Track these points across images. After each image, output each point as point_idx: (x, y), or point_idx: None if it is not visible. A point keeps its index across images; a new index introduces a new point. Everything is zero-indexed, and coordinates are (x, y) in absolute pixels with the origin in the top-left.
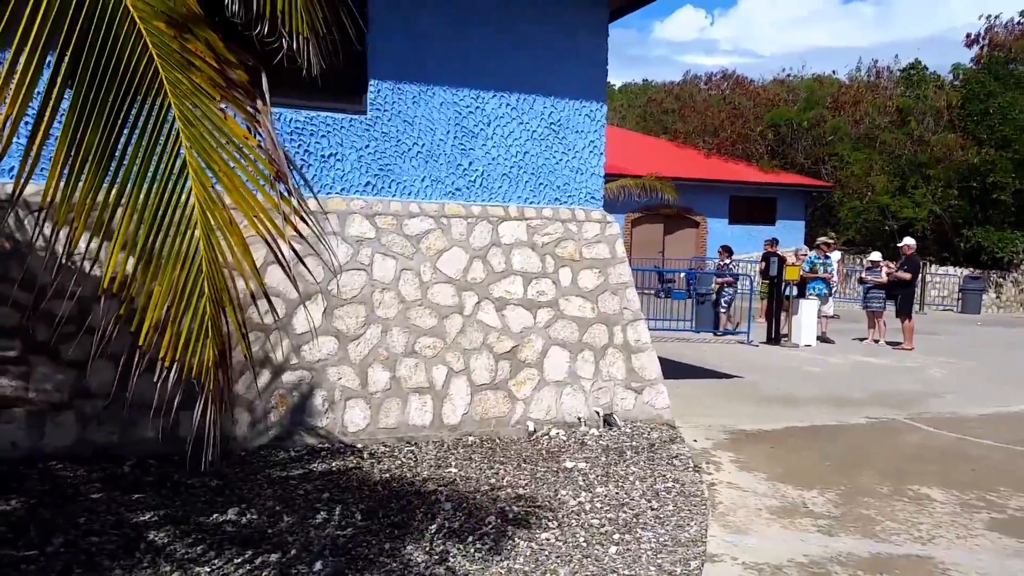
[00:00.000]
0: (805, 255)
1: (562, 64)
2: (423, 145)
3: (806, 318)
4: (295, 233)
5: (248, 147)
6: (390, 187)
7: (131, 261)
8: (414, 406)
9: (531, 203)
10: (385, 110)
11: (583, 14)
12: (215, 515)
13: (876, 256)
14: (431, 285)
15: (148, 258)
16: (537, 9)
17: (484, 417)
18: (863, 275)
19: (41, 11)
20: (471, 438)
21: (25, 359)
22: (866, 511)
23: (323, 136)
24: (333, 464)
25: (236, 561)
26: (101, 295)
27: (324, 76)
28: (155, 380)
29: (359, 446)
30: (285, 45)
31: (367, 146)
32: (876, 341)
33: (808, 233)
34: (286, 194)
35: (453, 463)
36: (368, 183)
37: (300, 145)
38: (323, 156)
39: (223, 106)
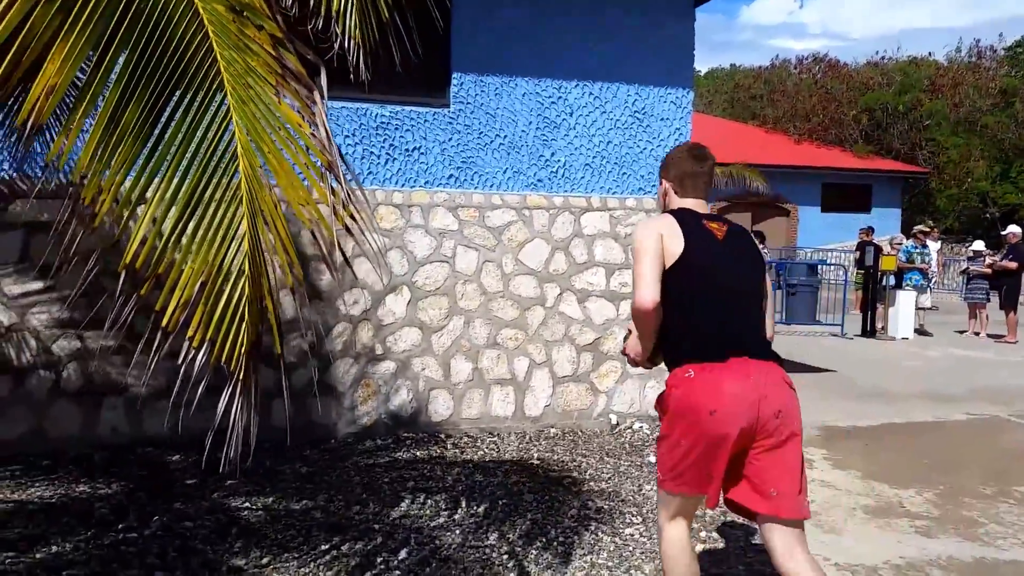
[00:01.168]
0: (900, 244)
1: (647, 51)
2: (505, 137)
3: (903, 310)
4: (341, 228)
5: (302, 135)
6: (472, 179)
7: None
8: (496, 397)
9: (614, 193)
10: (468, 103)
11: (668, 1)
12: (304, 501)
13: (979, 246)
14: (513, 277)
15: (183, 230)
16: None
17: (566, 409)
18: (967, 265)
19: None
20: (553, 430)
21: (124, 348)
22: (968, 512)
23: (408, 130)
24: (417, 453)
25: (323, 547)
26: (122, 270)
27: (408, 71)
28: (179, 363)
29: (443, 436)
30: (336, 47)
31: (450, 139)
32: (977, 334)
33: (904, 221)
34: (336, 186)
35: (535, 455)
36: (451, 176)
37: (385, 139)
38: (407, 150)
39: (280, 94)
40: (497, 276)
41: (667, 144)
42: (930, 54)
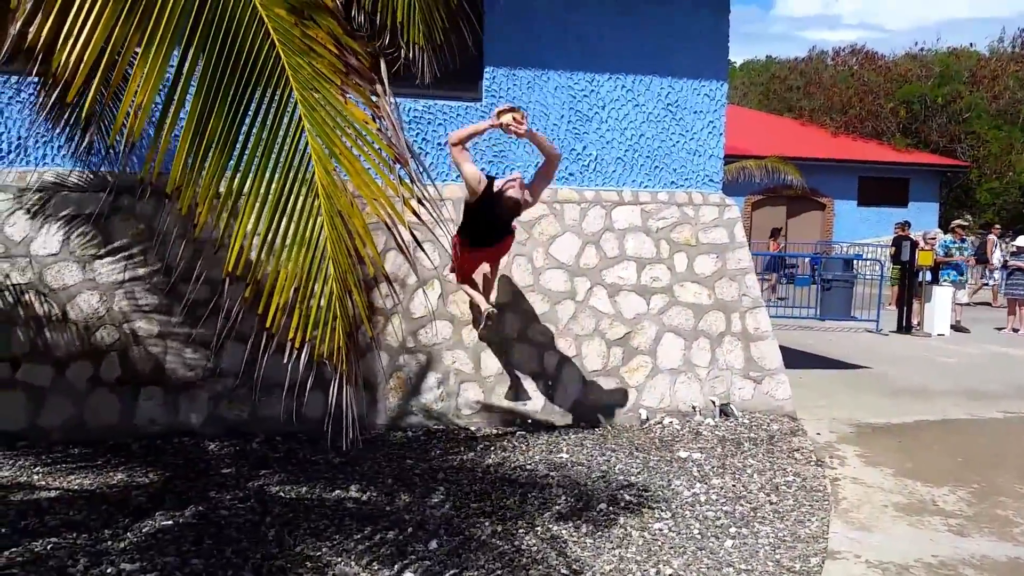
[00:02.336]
0: (933, 239)
1: (681, 43)
2: (537, 130)
3: (939, 305)
4: (414, 218)
5: (369, 132)
6: (504, 172)
7: (256, 244)
8: (528, 390)
9: (646, 187)
10: (500, 96)
11: None
12: (337, 491)
13: (1022, 241)
14: (543, 271)
15: (272, 241)
16: None
17: (596, 404)
18: (1008, 260)
19: (169, 2)
20: (583, 424)
21: (162, 340)
22: (1003, 512)
23: (440, 124)
24: (448, 445)
25: (356, 537)
26: (226, 277)
27: (441, 66)
28: (285, 362)
29: (473, 429)
30: (403, 55)
31: None
32: (1016, 330)
33: (943, 216)
34: (406, 179)
35: (564, 449)
36: (483, 169)
37: (419, 133)
38: (439, 144)
39: (345, 92)
40: (528, 270)
41: (700, 137)
42: (971, 45)
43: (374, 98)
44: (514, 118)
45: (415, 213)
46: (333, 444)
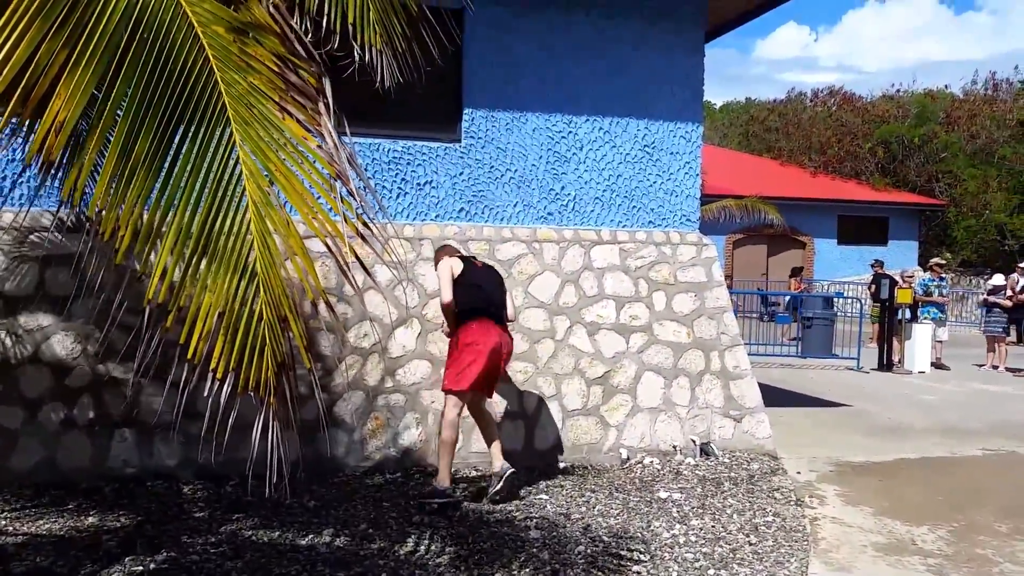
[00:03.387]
0: (911, 277)
1: (657, 86)
2: (516, 171)
3: (920, 343)
4: (356, 236)
5: (307, 147)
6: (483, 213)
7: (180, 268)
8: (506, 431)
9: (624, 226)
10: (479, 138)
11: (679, 35)
12: (310, 536)
13: (999, 280)
14: (523, 310)
15: (197, 264)
16: (632, 33)
17: (576, 443)
18: (986, 296)
19: (103, 17)
20: (562, 464)
21: (135, 381)
22: (982, 551)
23: (419, 164)
24: (426, 488)
25: None
26: (146, 305)
27: (420, 106)
28: (206, 395)
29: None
30: (357, 57)
31: (461, 173)
32: (995, 367)
33: (922, 254)
34: (347, 196)
35: (544, 490)
36: (462, 209)
37: (398, 174)
38: (419, 184)
39: (284, 109)
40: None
41: (677, 178)
42: (946, 86)
43: (314, 115)
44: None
45: (359, 233)
46: (301, 485)
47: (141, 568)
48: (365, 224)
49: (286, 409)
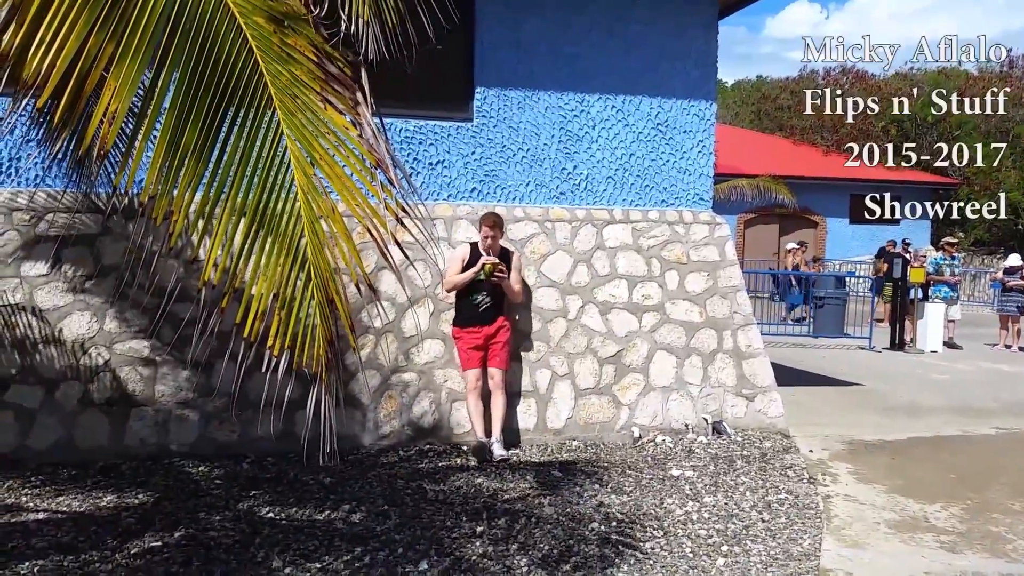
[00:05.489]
0: (924, 256)
1: (670, 63)
2: (528, 150)
3: (932, 322)
4: (396, 222)
5: (349, 136)
6: (495, 192)
7: (233, 252)
8: (518, 409)
9: (636, 206)
10: (491, 117)
11: (692, 12)
12: (327, 512)
13: (1016, 260)
14: (535, 289)
15: (251, 247)
16: (645, 9)
17: (588, 422)
18: (998, 275)
19: (147, 8)
20: (575, 443)
21: (152, 360)
22: (995, 528)
23: (431, 144)
24: (440, 464)
25: (345, 558)
26: (202, 287)
27: (432, 85)
28: (263, 371)
29: (464, 447)
30: (343, 28)
31: (473, 152)
32: (1008, 347)
33: (934, 233)
34: (387, 183)
35: (556, 467)
36: (474, 188)
37: (410, 153)
38: (431, 163)
39: (325, 99)
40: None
41: (690, 156)
42: (960, 63)
43: (354, 104)
44: (498, 269)
45: (396, 217)
46: (328, 460)
47: (160, 543)
48: (404, 210)
49: (337, 384)
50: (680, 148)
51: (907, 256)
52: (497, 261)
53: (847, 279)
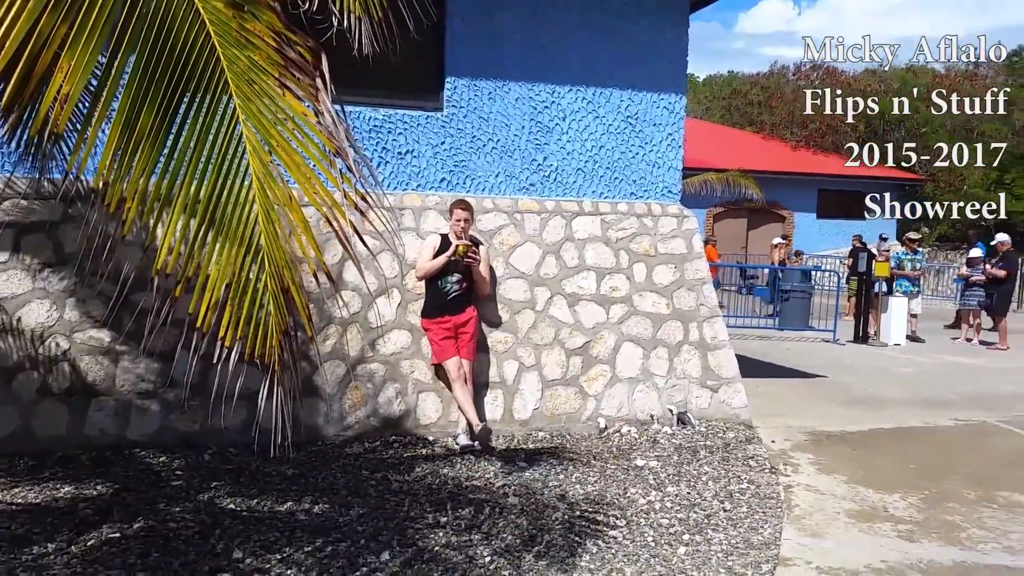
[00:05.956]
0: (887, 251)
1: (641, 56)
2: (498, 141)
3: (895, 316)
4: (356, 212)
5: (308, 123)
6: (465, 183)
7: (189, 240)
8: (485, 400)
9: (606, 198)
10: (461, 107)
11: (664, 6)
12: (289, 503)
13: (977, 252)
14: (504, 280)
15: (205, 236)
16: (618, 2)
17: (554, 413)
18: (964, 271)
19: None
20: (541, 433)
21: (113, 349)
22: (951, 517)
23: (400, 133)
24: (405, 455)
25: (307, 549)
26: (154, 276)
27: (402, 74)
28: (215, 362)
29: (431, 438)
30: (335, 23)
31: (443, 142)
32: (969, 340)
33: (900, 228)
34: (346, 171)
35: (522, 457)
36: (443, 179)
37: (378, 143)
38: (400, 153)
39: (283, 84)
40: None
41: (659, 149)
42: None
43: (313, 91)
44: (471, 251)
45: (356, 207)
46: (280, 451)
47: (118, 535)
48: (363, 198)
49: (289, 376)
50: (650, 141)
51: (872, 250)
52: (470, 243)
53: (813, 273)
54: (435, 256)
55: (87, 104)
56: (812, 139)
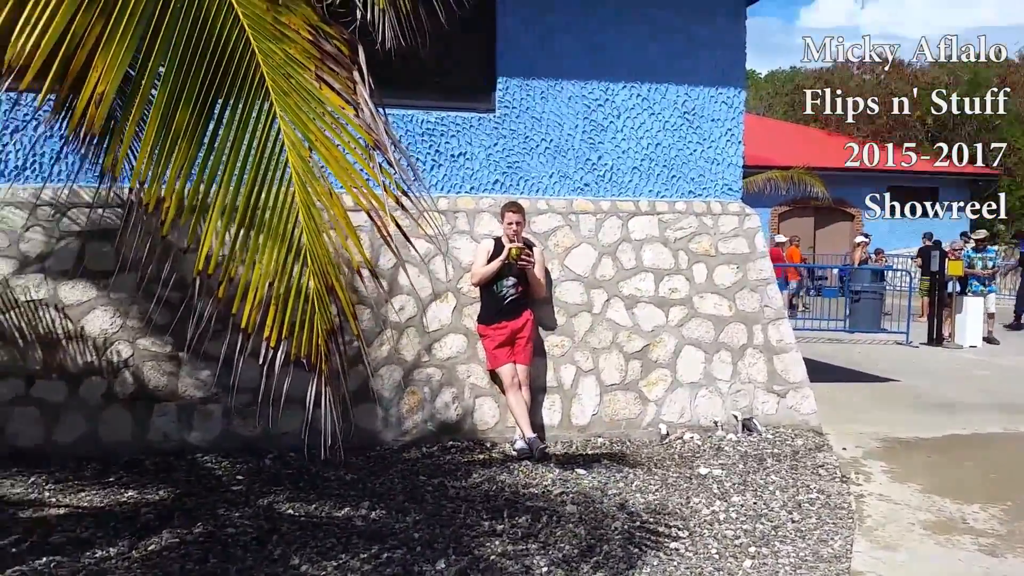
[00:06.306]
0: (960, 248)
1: (697, 50)
2: (551, 141)
3: (971, 316)
4: (396, 206)
5: (346, 117)
6: (518, 184)
7: (228, 239)
8: (543, 405)
9: (663, 197)
10: (513, 107)
11: None
12: (347, 509)
13: None
14: (559, 283)
15: (246, 235)
16: None
17: (614, 418)
18: None
19: None
20: (600, 440)
21: (176, 356)
22: None
23: (453, 136)
24: (462, 461)
25: (362, 556)
26: (196, 276)
27: (453, 76)
28: (260, 363)
29: (487, 444)
30: (359, 16)
31: (496, 144)
32: None
33: (973, 225)
34: (386, 165)
35: (580, 464)
36: (497, 181)
37: (431, 146)
38: (453, 156)
39: (320, 78)
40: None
41: (718, 145)
42: (1000, 52)
43: (351, 84)
44: (524, 254)
45: (398, 201)
46: (338, 459)
47: (178, 540)
48: (404, 193)
49: (336, 378)
50: (708, 137)
51: (945, 249)
52: (523, 246)
53: (884, 272)
54: (489, 261)
55: (122, 104)
56: (879, 134)
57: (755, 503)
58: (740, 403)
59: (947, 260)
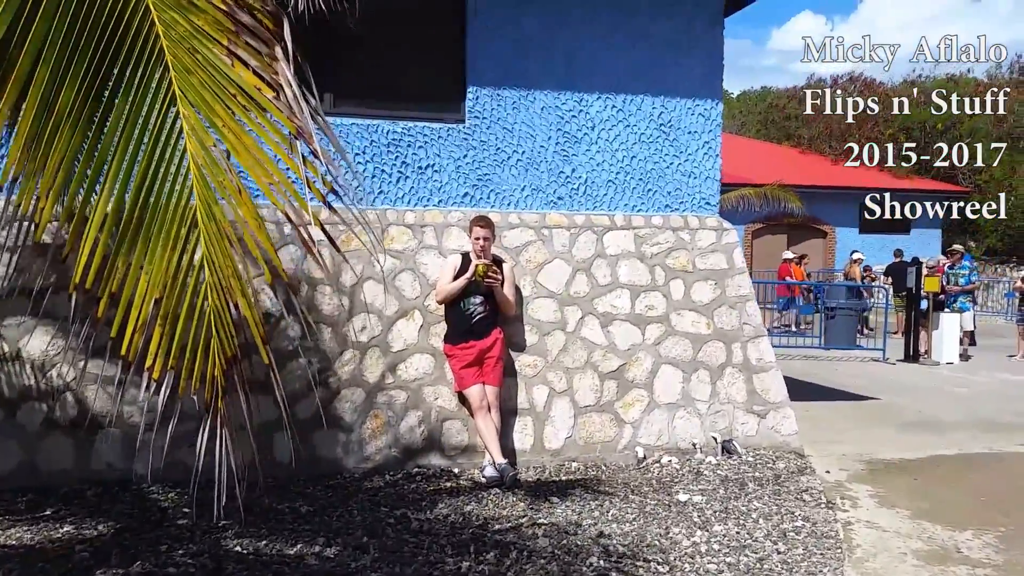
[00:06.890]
0: (935, 266)
1: (673, 61)
2: (523, 153)
3: (948, 333)
4: (322, 204)
5: (261, 98)
6: (489, 197)
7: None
8: (514, 428)
9: (639, 211)
10: (484, 118)
11: (697, 6)
12: (300, 545)
13: None
14: (531, 300)
15: (132, 239)
16: (648, 4)
17: (588, 442)
18: (1018, 284)
19: None
20: (574, 464)
21: (121, 380)
22: None
23: (420, 147)
24: (427, 489)
25: None
26: (72, 291)
27: (422, 84)
28: (146, 394)
29: (456, 470)
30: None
31: (465, 156)
32: None
33: (945, 242)
34: (310, 157)
35: (554, 491)
36: (466, 194)
37: (398, 157)
38: (420, 167)
39: (233, 54)
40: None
41: (695, 158)
42: (969, 71)
43: (269, 61)
44: (491, 271)
45: (324, 200)
46: (295, 489)
47: None
48: (333, 190)
49: (238, 411)
50: (684, 150)
51: (923, 265)
52: (490, 263)
53: (859, 289)
54: (456, 277)
55: None
56: (852, 152)
57: (738, 532)
58: (719, 424)
59: (922, 277)
